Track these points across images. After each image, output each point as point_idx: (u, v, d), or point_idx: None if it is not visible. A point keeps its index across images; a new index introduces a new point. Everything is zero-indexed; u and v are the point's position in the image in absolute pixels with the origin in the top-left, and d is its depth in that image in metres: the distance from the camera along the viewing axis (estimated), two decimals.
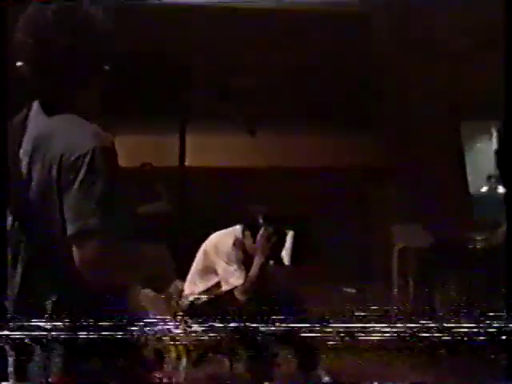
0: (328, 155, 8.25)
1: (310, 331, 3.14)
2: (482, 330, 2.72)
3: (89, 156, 1.92)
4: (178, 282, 4.35)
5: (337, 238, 7.39)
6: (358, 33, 8.25)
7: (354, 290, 5.94)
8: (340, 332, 3.95)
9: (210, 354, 4.08)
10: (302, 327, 2.79)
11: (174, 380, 3.66)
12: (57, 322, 1.98)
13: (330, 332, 4.14)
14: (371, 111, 8.52)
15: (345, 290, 5.97)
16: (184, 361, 3.93)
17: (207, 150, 7.53)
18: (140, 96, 6.93)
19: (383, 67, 8.37)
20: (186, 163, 7.38)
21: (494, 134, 10.54)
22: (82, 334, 2.00)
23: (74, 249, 1.91)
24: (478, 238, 4.94)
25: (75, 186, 1.92)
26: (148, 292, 2.25)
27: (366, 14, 8.24)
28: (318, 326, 3.49)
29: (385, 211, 7.84)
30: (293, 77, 8.06)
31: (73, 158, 1.94)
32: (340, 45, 8.16)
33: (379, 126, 8.41)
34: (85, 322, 1.99)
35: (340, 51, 8.17)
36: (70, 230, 1.92)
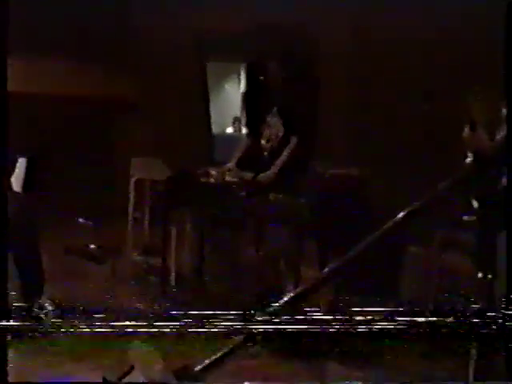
0: (76, 84, 8.10)
1: None
2: None
3: None
4: None
5: (75, 169, 7.31)
6: None
7: (90, 223, 5.91)
8: None
9: None
10: None
11: None
12: None
13: None
14: (128, 46, 8.48)
15: (81, 221, 5.92)
16: None
17: None
18: None
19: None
20: None
21: (242, 77, 10.84)
22: None
23: None
24: (214, 172, 5.10)
25: None
26: None
27: None
28: None
29: (127, 143, 7.86)
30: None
31: None
32: None
33: (133, 60, 8.39)
34: None
35: None
36: None
